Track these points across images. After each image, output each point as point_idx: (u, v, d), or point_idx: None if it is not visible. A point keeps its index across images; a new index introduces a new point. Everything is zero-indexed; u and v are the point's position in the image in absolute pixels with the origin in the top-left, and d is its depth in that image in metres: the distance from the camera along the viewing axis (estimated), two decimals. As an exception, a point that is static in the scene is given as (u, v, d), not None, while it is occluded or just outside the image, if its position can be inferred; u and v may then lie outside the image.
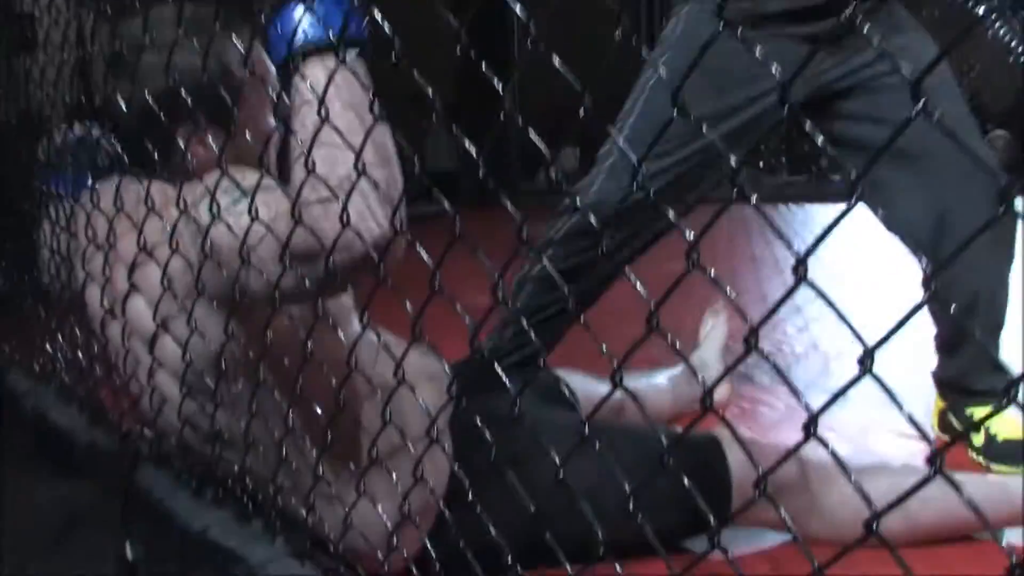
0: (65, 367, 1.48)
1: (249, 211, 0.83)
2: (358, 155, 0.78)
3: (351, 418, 1.05)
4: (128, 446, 1.24)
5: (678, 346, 0.61)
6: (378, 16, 0.76)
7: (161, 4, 1.03)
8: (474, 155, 0.66)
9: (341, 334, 0.91)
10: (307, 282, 0.84)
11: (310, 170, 0.82)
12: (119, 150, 1.06)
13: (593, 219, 0.77)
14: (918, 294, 0.43)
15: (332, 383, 0.89)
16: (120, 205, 1.02)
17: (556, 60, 0.60)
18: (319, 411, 0.93)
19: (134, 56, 1.00)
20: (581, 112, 0.57)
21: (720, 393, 1.86)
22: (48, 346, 1.53)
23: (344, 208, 0.79)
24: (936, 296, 0.41)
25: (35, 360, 1.70)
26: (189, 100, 0.94)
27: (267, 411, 0.97)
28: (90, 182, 1.22)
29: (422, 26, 0.81)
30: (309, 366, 0.89)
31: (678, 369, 1.81)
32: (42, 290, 1.42)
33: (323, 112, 0.81)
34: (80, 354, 1.33)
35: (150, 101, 0.97)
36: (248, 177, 0.86)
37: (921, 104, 0.41)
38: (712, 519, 0.59)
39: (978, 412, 1.55)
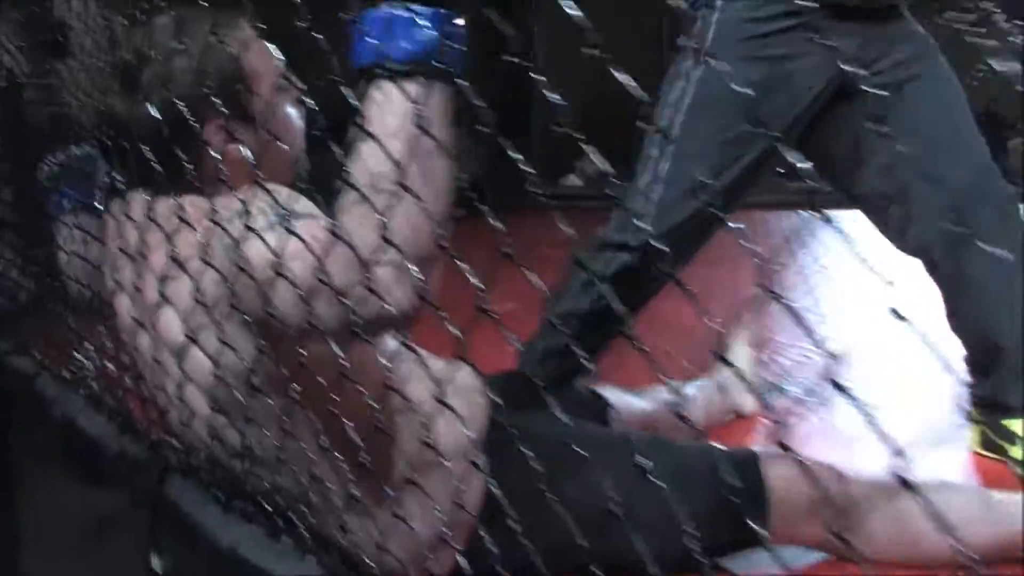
0: (94, 374, 1.47)
1: (286, 224, 0.81)
2: (401, 178, 0.76)
3: (383, 433, 1.03)
4: (157, 456, 1.23)
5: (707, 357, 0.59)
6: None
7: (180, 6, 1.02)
8: (513, 156, 0.64)
9: (375, 350, 0.89)
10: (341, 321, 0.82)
11: (356, 185, 0.79)
12: (144, 160, 1.05)
13: (654, 257, 0.76)
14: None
15: (365, 399, 0.88)
16: (151, 216, 1.01)
17: (611, 63, 0.58)
18: (351, 427, 0.91)
19: (152, 61, 1.00)
20: (636, 114, 0.56)
21: (749, 405, 1.83)
22: (77, 352, 1.53)
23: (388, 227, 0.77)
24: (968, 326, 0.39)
25: (64, 366, 1.70)
26: (213, 95, 0.93)
27: (297, 426, 0.95)
28: (97, 195, 1.23)
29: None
30: (341, 382, 0.87)
31: (706, 380, 1.79)
32: (70, 296, 1.43)
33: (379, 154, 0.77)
34: (109, 362, 1.33)
35: (175, 102, 0.97)
36: (284, 196, 0.84)
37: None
38: (766, 545, 0.57)
39: (1015, 425, 1.52)
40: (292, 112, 1.11)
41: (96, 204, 1.23)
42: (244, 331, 0.91)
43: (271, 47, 1.05)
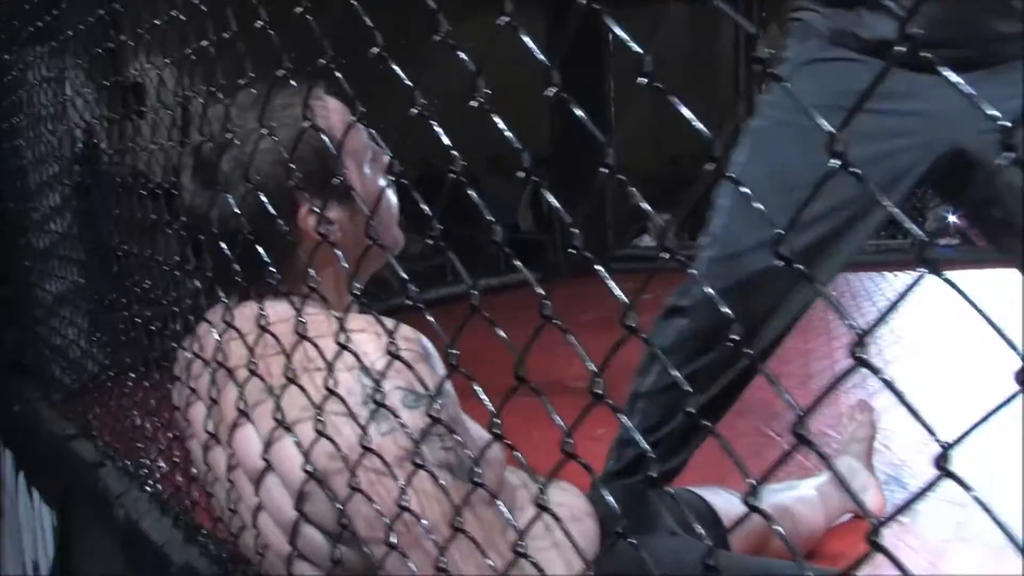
0: (159, 477, 1.37)
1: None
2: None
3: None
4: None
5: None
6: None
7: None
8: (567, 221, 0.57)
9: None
10: None
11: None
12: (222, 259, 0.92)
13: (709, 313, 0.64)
14: None
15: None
16: (233, 324, 0.89)
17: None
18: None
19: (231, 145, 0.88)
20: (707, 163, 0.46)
21: (872, 502, 1.65)
22: (144, 450, 1.43)
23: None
24: None
25: (129, 455, 1.60)
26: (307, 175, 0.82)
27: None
28: None
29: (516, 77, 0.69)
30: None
31: (825, 477, 1.61)
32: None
33: None
34: (177, 471, 1.22)
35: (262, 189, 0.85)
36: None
37: None
38: None
39: None
40: (384, 183, 0.99)
41: None
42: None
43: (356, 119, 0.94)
